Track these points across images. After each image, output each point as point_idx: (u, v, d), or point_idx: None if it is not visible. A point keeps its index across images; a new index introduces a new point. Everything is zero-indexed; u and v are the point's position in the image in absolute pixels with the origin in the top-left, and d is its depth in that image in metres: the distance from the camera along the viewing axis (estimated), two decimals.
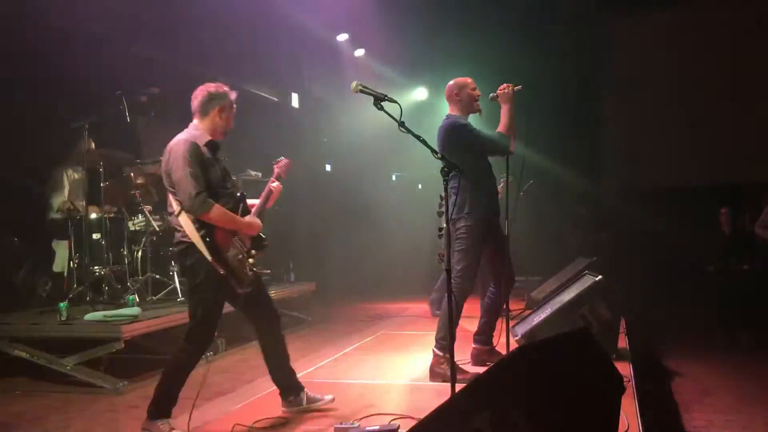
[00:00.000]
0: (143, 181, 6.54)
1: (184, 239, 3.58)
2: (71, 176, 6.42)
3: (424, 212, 8.57)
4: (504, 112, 4.67)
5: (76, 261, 5.99)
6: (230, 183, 3.79)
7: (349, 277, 10.86)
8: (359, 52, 10.48)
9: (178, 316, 5.59)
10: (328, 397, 3.98)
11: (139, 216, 6.45)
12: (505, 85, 4.66)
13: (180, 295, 6.08)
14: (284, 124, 9.70)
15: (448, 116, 4.76)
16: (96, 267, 6.06)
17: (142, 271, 6.25)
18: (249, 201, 3.88)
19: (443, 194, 3.46)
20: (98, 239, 6.11)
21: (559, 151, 9.88)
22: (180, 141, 3.61)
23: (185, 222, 3.54)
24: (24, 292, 6.25)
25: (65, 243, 6.13)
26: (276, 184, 4.02)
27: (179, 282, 6.17)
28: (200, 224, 3.52)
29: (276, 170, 4.13)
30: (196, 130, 3.70)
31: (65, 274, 6.13)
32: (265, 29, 8.32)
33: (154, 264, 6.24)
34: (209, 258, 3.49)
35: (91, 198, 6.14)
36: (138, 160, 6.67)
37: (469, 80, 4.77)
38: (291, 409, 3.91)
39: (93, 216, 6.13)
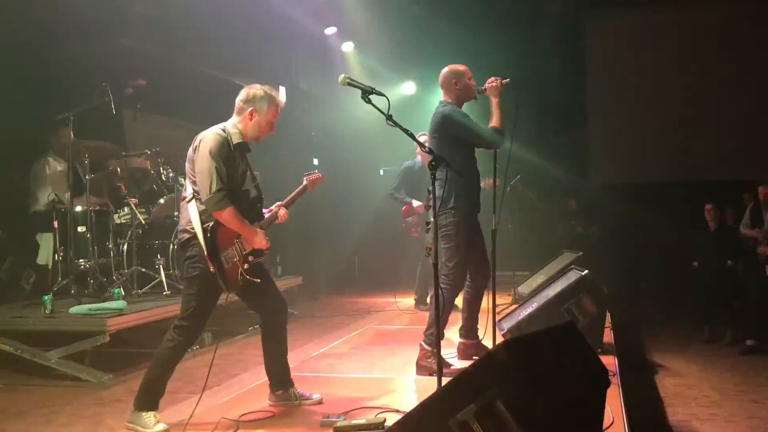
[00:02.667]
0: (129, 173, 6.50)
1: (187, 229, 3.60)
2: (53, 167, 6.37)
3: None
4: (494, 106, 4.61)
5: (61, 254, 5.93)
6: (251, 187, 3.80)
7: (336, 271, 10.86)
8: (347, 46, 10.46)
9: (163, 309, 5.57)
10: (316, 396, 3.96)
11: (125, 209, 6.40)
12: (492, 78, 4.62)
13: (166, 289, 6.05)
14: None
15: (443, 103, 4.69)
16: (81, 260, 6.01)
17: (127, 264, 6.22)
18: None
19: (430, 188, 3.46)
20: (83, 232, 6.05)
21: (546, 146, 9.92)
22: (212, 133, 3.60)
23: (193, 210, 3.57)
24: (8, 285, 6.19)
25: (49, 236, 6.08)
26: (283, 211, 3.99)
27: (165, 275, 6.13)
28: (207, 216, 3.54)
29: (304, 181, 4.14)
30: (233, 128, 3.70)
31: (50, 267, 6.07)
32: (252, 21, 8.28)
33: (140, 257, 6.20)
34: (204, 252, 3.49)
35: (76, 190, 6.09)
36: (123, 153, 6.61)
37: (466, 69, 4.72)
38: (278, 403, 3.91)
39: (78, 208, 6.08)
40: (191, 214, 3.58)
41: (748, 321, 6.43)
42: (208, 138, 3.58)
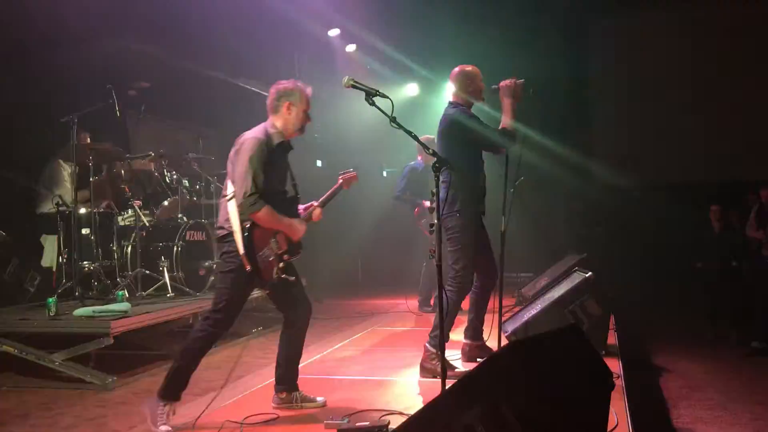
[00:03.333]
0: (132, 175, 6.51)
1: (225, 226, 3.68)
2: (66, 170, 6.39)
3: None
4: (506, 107, 4.58)
5: (65, 256, 5.95)
6: (289, 186, 3.89)
7: (339, 272, 10.86)
8: (351, 48, 10.45)
9: (168, 311, 5.58)
10: (320, 399, 3.98)
11: (129, 211, 6.41)
12: (509, 80, 4.61)
13: (170, 291, 6.05)
14: None
15: (453, 104, 4.70)
16: (85, 262, 6.02)
17: (131, 266, 6.22)
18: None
19: (434, 189, 3.45)
20: (87, 234, 6.07)
21: (550, 147, 9.89)
22: (252, 137, 3.69)
23: (232, 209, 3.64)
24: (12, 287, 6.21)
25: (54, 238, 6.09)
26: (318, 211, 4.05)
27: (169, 277, 6.14)
28: (246, 216, 3.62)
29: (340, 180, 4.19)
30: (272, 128, 3.78)
31: (54, 269, 6.09)
32: (256, 24, 8.28)
33: (144, 259, 6.20)
34: (240, 251, 3.57)
35: (80, 192, 6.11)
36: (127, 155, 6.63)
37: (479, 71, 4.73)
38: (281, 405, 3.90)
39: (82, 211, 6.09)
40: (230, 213, 3.65)
41: (753, 323, 6.41)
42: (248, 142, 3.67)
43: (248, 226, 3.59)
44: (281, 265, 3.72)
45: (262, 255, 3.65)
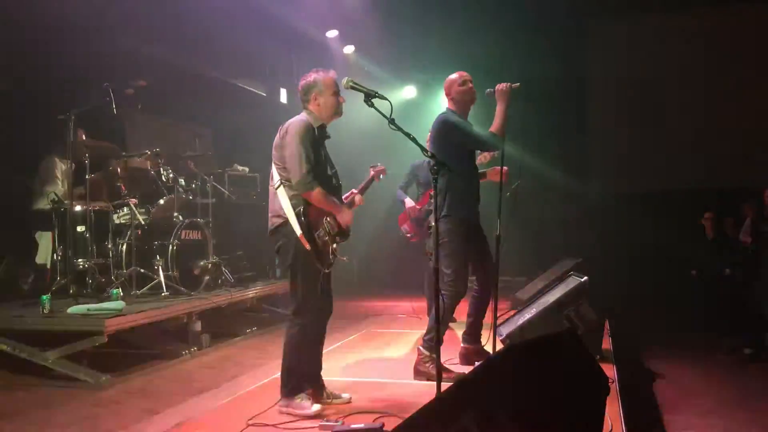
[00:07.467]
0: (129, 173, 6.49)
1: (280, 213, 3.75)
2: (60, 166, 6.37)
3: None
4: (498, 110, 4.61)
5: (60, 253, 5.93)
6: (332, 173, 3.97)
7: (335, 274, 10.82)
8: (348, 49, 10.46)
9: (162, 311, 5.57)
10: (346, 395, 4.04)
11: (124, 209, 6.39)
12: (503, 84, 4.64)
13: (164, 290, 6.04)
14: (272, 120, 9.63)
15: (445, 110, 4.77)
16: (80, 260, 6.00)
17: (126, 264, 6.20)
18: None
19: (431, 192, 3.46)
20: (82, 231, 6.04)
21: (546, 151, 9.90)
22: (298, 120, 3.81)
23: (282, 196, 3.73)
24: (6, 284, 6.18)
25: (49, 235, 6.07)
26: (359, 197, 4.18)
27: (164, 276, 6.12)
28: (297, 200, 3.70)
29: (372, 172, 4.35)
30: (309, 115, 3.88)
31: (48, 266, 6.06)
32: (254, 24, 8.28)
33: (139, 257, 6.19)
34: (298, 233, 3.64)
35: (76, 190, 6.09)
36: (124, 153, 6.62)
37: (457, 75, 4.74)
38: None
39: (77, 208, 6.07)
40: (281, 200, 3.73)
41: (746, 329, 6.43)
42: (295, 124, 3.77)
43: (302, 208, 3.67)
44: (334, 246, 3.82)
45: (319, 234, 3.73)
